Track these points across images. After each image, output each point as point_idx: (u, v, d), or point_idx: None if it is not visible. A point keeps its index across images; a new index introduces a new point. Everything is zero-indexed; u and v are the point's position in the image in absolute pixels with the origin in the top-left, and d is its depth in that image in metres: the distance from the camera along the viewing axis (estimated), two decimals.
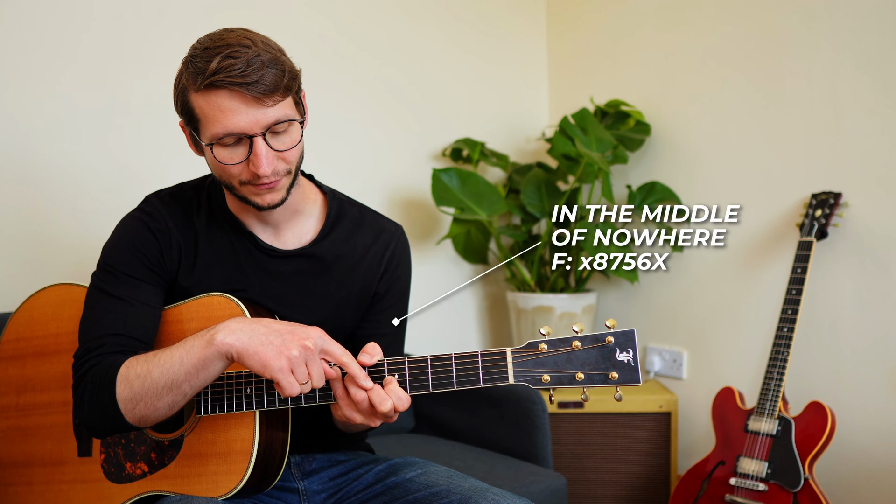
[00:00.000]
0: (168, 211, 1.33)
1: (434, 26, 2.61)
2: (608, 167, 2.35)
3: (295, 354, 1.09)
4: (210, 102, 1.16)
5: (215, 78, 1.13)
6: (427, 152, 2.60)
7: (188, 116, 1.21)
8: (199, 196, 1.36)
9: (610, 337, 1.09)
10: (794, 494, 1.90)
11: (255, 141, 1.17)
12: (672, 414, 2.31)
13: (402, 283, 1.44)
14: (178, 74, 1.21)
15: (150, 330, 1.26)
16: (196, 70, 1.15)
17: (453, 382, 1.13)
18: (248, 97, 1.14)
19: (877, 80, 2.03)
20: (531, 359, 1.10)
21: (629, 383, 1.08)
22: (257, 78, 1.14)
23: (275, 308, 1.33)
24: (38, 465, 1.35)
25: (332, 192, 1.42)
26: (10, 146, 1.84)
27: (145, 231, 1.30)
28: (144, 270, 1.29)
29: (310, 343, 1.10)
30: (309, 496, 1.37)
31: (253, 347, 1.10)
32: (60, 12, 1.88)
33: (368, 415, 1.16)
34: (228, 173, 1.21)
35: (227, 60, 1.13)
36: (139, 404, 1.16)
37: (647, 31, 2.59)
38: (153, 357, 1.16)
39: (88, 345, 1.23)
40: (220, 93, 1.14)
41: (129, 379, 1.16)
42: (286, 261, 1.34)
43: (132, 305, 1.26)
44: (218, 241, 1.33)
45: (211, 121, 1.16)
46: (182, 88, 1.19)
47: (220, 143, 1.18)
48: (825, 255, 2.12)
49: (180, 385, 1.14)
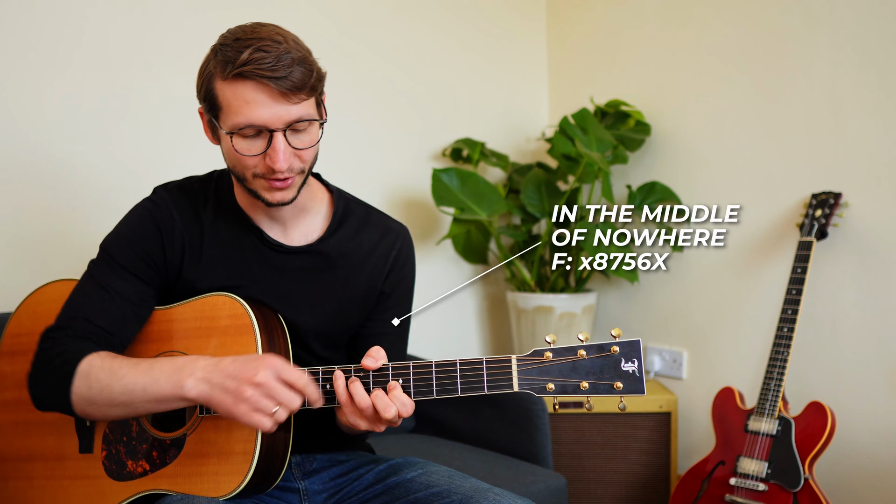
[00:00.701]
0: (175, 203, 1.33)
1: (434, 26, 2.61)
2: (608, 167, 2.35)
3: (249, 395, 1.11)
4: (236, 92, 1.16)
5: (245, 69, 1.14)
6: (427, 152, 2.60)
7: (210, 103, 1.21)
8: (207, 189, 1.37)
9: (615, 346, 1.10)
10: (794, 494, 1.90)
11: (276, 136, 1.18)
12: (672, 414, 2.31)
13: (407, 282, 1.45)
14: (204, 61, 1.21)
15: (124, 326, 1.28)
16: (225, 59, 1.16)
17: (458, 389, 1.13)
18: (275, 91, 1.15)
19: (877, 80, 2.04)
20: (536, 367, 1.11)
21: (633, 394, 1.08)
22: (286, 74, 1.14)
23: (278, 306, 1.33)
24: (38, 460, 1.35)
25: (338, 192, 1.42)
26: (9, 146, 1.84)
27: (149, 223, 1.31)
28: (140, 264, 1.30)
29: (260, 378, 1.11)
30: (309, 496, 1.37)
31: (215, 399, 1.13)
32: (58, 10, 1.88)
33: (373, 421, 1.16)
34: (243, 164, 1.21)
35: (259, 53, 1.14)
36: (91, 406, 1.20)
37: (647, 31, 2.59)
38: (118, 370, 1.19)
39: (60, 322, 1.27)
40: (248, 84, 1.15)
41: (90, 381, 1.19)
42: (292, 257, 1.34)
43: (114, 299, 1.27)
44: (224, 235, 1.33)
45: (234, 110, 1.17)
46: (208, 75, 1.20)
47: (240, 133, 1.19)
48: (825, 255, 2.12)
49: (136, 408, 1.19)
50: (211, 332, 1.27)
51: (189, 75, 2.02)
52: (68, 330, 1.25)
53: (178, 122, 2.03)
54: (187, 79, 2.09)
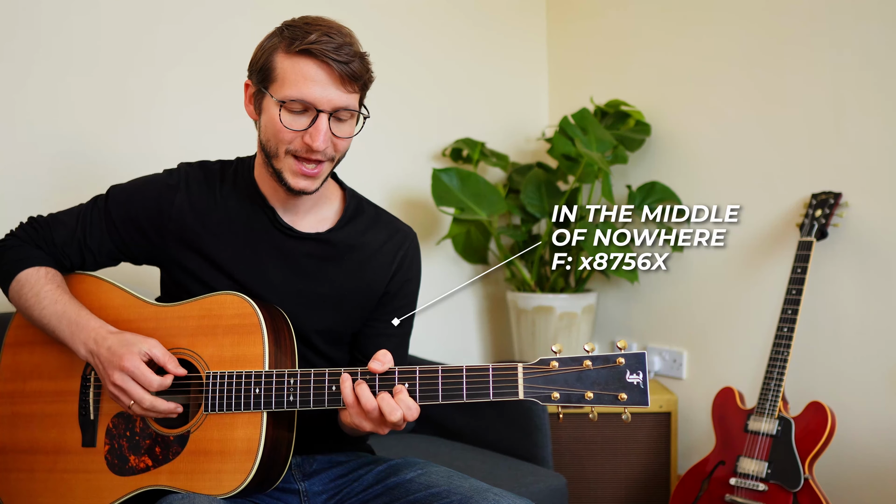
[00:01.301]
0: (190, 175, 1.39)
1: (434, 26, 2.61)
2: (608, 167, 2.35)
3: (115, 378, 1.22)
4: (296, 66, 1.22)
5: (313, 46, 1.20)
6: (427, 152, 2.60)
7: (264, 74, 1.25)
8: (227, 168, 1.41)
9: (621, 358, 1.11)
10: (794, 494, 1.91)
11: (321, 116, 1.23)
12: (672, 414, 2.32)
13: (413, 284, 1.46)
14: (266, 37, 1.27)
15: (81, 260, 1.39)
16: (293, 35, 1.22)
17: (463, 395, 1.14)
18: (335, 73, 1.21)
19: (877, 80, 2.04)
20: (541, 375, 1.12)
21: (638, 405, 1.10)
22: (347, 60, 1.21)
23: (278, 290, 1.34)
24: (41, 452, 1.35)
25: (351, 191, 1.45)
26: (10, 145, 1.84)
27: (153, 190, 1.38)
28: (128, 224, 1.37)
29: (126, 363, 1.22)
30: (310, 497, 1.37)
31: (97, 370, 1.27)
32: (58, 10, 1.88)
33: (378, 423, 1.17)
34: (280, 138, 1.25)
35: (326, 37, 1.21)
36: (16, 305, 1.37)
37: (647, 31, 2.59)
38: (42, 299, 1.31)
39: (36, 222, 1.40)
40: (310, 61, 1.21)
41: (21, 291, 1.34)
42: (301, 242, 1.36)
43: (84, 241, 1.37)
44: (236, 212, 1.36)
45: (290, 82, 1.22)
46: (271, 48, 1.25)
47: (288, 106, 1.23)
48: (825, 255, 2.12)
49: (44, 327, 1.33)
50: (218, 331, 1.27)
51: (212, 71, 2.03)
52: (35, 234, 1.38)
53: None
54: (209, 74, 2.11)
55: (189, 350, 1.29)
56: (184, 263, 1.36)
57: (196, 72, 2.09)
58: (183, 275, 1.36)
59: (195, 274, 1.35)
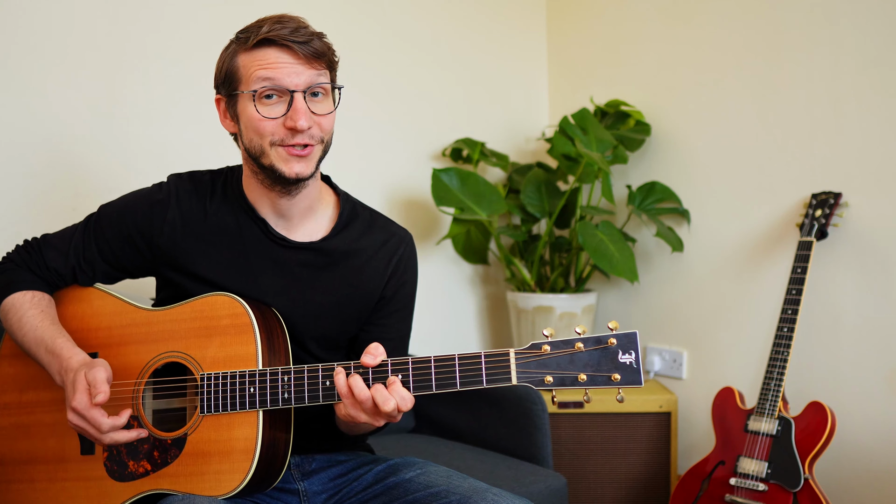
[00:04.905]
0: (179, 188, 1.37)
1: (434, 26, 2.61)
2: (608, 167, 2.35)
3: (69, 418, 1.21)
4: (256, 56, 1.22)
5: (269, 35, 1.20)
6: (427, 152, 2.60)
7: (230, 79, 1.25)
8: (216, 179, 1.40)
9: (612, 339, 1.10)
10: (794, 494, 1.90)
11: (296, 96, 1.22)
12: (672, 414, 2.32)
13: (409, 288, 1.45)
14: (224, 49, 1.28)
15: (73, 278, 1.39)
16: (247, 33, 1.24)
17: (457, 383, 1.14)
18: (298, 54, 1.22)
19: (877, 80, 2.04)
20: (534, 360, 1.11)
21: (631, 385, 1.09)
22: (307, 40, 1.22)
23: (274, 299, 1.34)
24: (40, 462, 1.35)
25: (345, 195, 1.44)
26: (10, 145, 1.84)
27: (145, 205, 1.36)
28: (120, 241, 1.36)
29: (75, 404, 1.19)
30: (309, 497, 1.37)
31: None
32: (56, 9, 1.88)
33: (372, 414, 1.16)
34: (262, 132, 1.24)
35: (279, 24, 1.22)
36: (5, 327, 1.37)
37: (647, 31, 2.59)
38: (26, 324, 1.31)
39: (29, 245, 1.40)
40: (271, 49, 1.22)
41: (8, 314, 1.34)
42: (294, 251, 1.35)
43: (78, 264, 1.37)
44: (227, 223, 1.35)
45: (257, 71, 1.22)
46: (230, 53, 1.26)
47: (260, 95, 1.22)
48: (825, 255, 2.12)
49: (27, 352, 1.33)
50: (211, 332, 1.27)
51: (194, 73, 2.03)
52: (29, 258, 1.38)
53: (183, 121, 2.04)
54: (191, 76, 2.09)
55: (183, 353, 1.29)
56: (176, 279, 1.35)
57: (181, 77, 2.07)
58: (177, 286, 1.36)
59: (188, 289, 1.34)
